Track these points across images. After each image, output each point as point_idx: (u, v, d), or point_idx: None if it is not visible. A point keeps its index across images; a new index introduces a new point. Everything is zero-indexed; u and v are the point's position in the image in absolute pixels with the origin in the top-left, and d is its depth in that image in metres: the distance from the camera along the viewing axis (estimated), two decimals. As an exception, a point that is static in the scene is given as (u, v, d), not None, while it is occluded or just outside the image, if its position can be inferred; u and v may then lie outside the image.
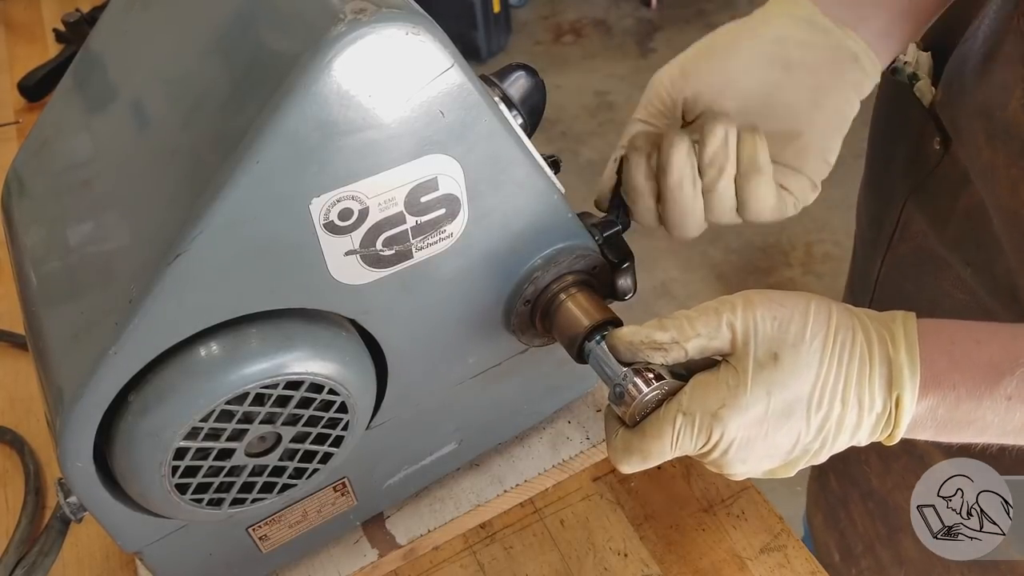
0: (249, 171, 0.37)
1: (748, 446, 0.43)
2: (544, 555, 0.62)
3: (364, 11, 0.37)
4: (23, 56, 1.23)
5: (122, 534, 0.47)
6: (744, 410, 0.42)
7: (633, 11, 3.20)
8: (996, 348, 0.43)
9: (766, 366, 0.42)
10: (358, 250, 0.42)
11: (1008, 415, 0.42)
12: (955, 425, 0.43)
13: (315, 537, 0.58)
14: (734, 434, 0.42)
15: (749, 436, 0.43)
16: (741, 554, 0.61)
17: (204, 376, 0.41)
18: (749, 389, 0.42)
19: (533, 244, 0.50)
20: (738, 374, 0.42)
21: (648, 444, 0.44)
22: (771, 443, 0.43)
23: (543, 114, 0.56)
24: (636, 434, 0.45)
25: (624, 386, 0.44)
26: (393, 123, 0.40)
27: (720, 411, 0.42)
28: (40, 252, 0.47)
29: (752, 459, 0.44)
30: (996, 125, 0.55)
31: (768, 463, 0.45)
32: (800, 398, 0.42)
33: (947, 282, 0.67)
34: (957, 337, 0.44)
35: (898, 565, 0.80)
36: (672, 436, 0.43)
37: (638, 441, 0.44)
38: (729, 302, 0.44)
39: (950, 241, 0.65)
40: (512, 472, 0.64)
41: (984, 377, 0.42)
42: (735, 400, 0.42)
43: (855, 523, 0.85)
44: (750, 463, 0.44)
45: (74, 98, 0.52)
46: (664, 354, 0.44)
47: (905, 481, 0.76)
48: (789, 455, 0.44)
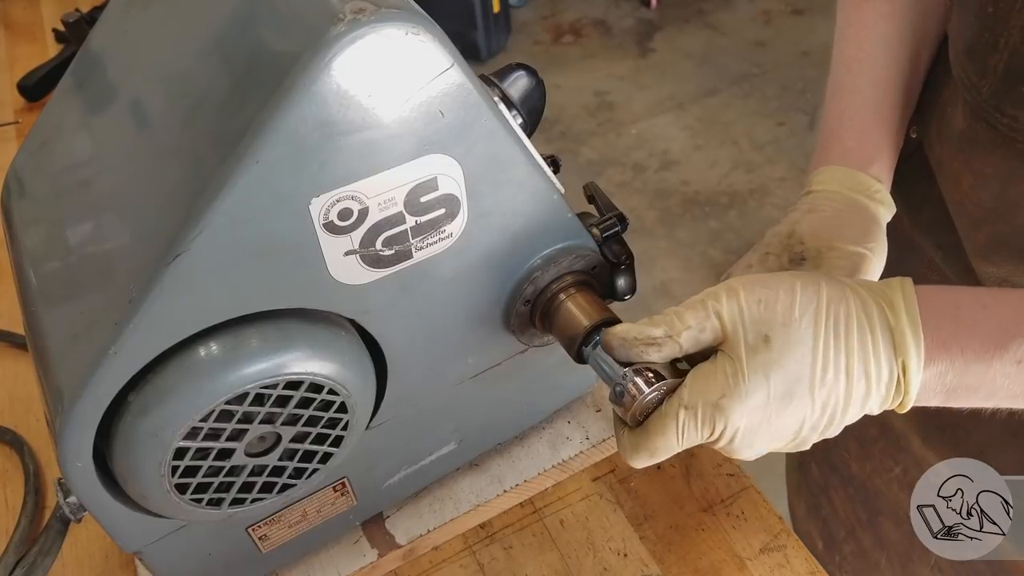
0: (249, 171, 0.37)
1: (753, 432, 0.43)
2: (544, 555, 0.62)
3: (364, 11, 0.37)
4: (23, 56, 1.23)
5: (122, 534, 0.47)
6: (744, 397, 0.42)
7: (633, 11, 3.20)
8: (1005, 311, 0.43)
9: (759, 349, 0.42)
10: (358, 250, 0.42)
11: (1018, 378, 0.42)
12: (964, 390, 0.43)
13: (315, 537, 0.58)
14: (738, 422, 0.42)
15: (753, 422, 0.43)
16: (741, 554, 0.61)
17: (204, 376, 0.41)
18: (747, 376, 0.42)
19: (533, 244, 0.50)
20: (733, 362, 0.42)
21: (654, 441, 0.44)
22: (776, 426, 0.43)
23: (543, 114, 0.56)
24: (642, 433, 0.45)
25: (624, 386, 0.44)
26: (393, 123, 0.40)
27: (721, 401, 0.42)
28: (40, 252, 0.47)
29: (759, 443, 0.44)
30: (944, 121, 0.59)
31: (777, 444, 0.44)
32: (800, 377, 0.42)
33: (921, 265, 0.70)
34: (963, 301, 0.43)
35: (880, 549, 0.81)
36: (677, 431, 0.43)
37: (645, 439, 0.45)
38: (713, 292, 0.44)
39: (923, 226, 0.68)
40: (512, 472, 0.64)
41: (993, 340, 0.42)
42: (735, 389, 0.42)
43: (837, 510, 0.86)
44: (757, 446, 0.44)
45: (74, 98, 0.52)
46: (658, 349, 0.44)
47: (883, 465, 0.78)
48: (797, 435, 0.44)
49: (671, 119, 2.66)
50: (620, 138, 2.58)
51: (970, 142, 0.56)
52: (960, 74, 0.55)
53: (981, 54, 0.52)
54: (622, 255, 0.53)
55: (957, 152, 0.58)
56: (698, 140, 2.58)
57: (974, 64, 0.53)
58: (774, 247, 0.56)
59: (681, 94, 2.76)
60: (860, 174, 0.59)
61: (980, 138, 0.55)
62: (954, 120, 0.58)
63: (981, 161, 0.55)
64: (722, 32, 3.06)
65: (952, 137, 0.58)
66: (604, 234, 0.53)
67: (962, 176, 0.58)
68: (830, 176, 0.60)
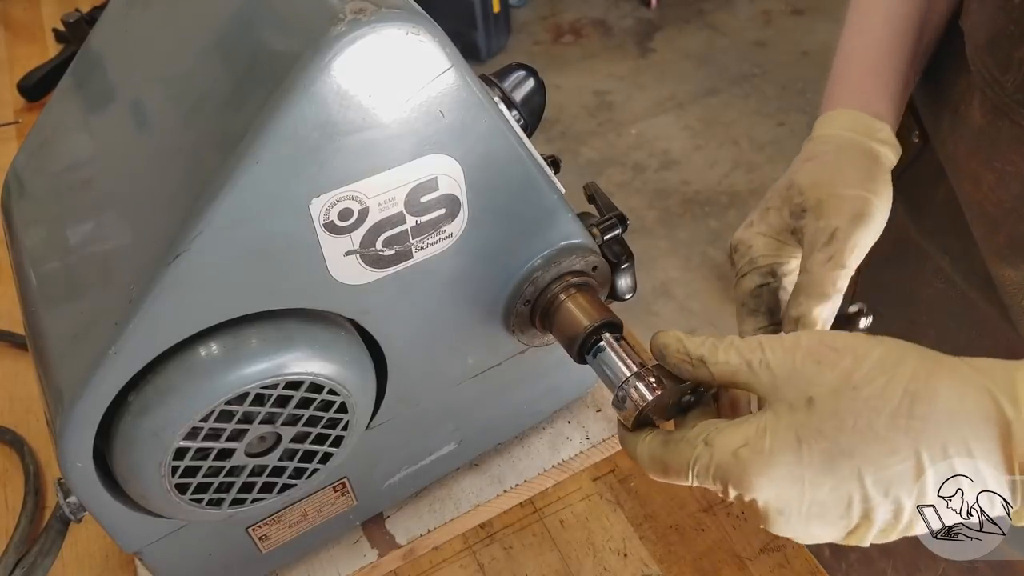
0: (249, 171, 0.37)
1: (783, 499, 0.37)
2: (544, 555, 0.62)
3: (364, 11, 0.37)
4: (23, 56, 1.23)
5: (122, 534, 0.47)
6: (768, 455, 0.37)
7: (633, 11, 3.20)
8: None
9: (798, 410, 0.37)
10: (358, 250, 0.42)
11: None
12: None
13: (315, 537, 0.58)
14: (760, 483, 0.37)
15: (784, 491, 0.37)
16: (741, 554, 0.61)
17: (204, 376, 0.41)
18: (774, 432, 0.37)
19: (533, 244, 0.50)
20: (766, 416, 0.38)
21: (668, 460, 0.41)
22: (813, 499, 0.37)
23: (543, 114, 0.56)
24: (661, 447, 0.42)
25: (627, 390, 0.44)
26: (393, 123, 0.40)
27: (741, 450, 0.38)
28: (40, 252, 0.47)
29: (794, 514, 0.38)
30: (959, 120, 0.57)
31: (819, 525, 0.38)
32: (848, 453, 0.36)
33: (927, 271, 0.68)
34: None
35: (886, 557, 0.81)
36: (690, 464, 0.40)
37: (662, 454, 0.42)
38: (778, 338, 0.39)
39: (929, 231, 0.67)
40: (512, 472, 0.64)
41: None
42: (757, 443, 0.37)
43: None
44: (793, 520, 0.38)
45: (74, 98, 0.52)
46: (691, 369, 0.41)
47: None
48: (844, 518, 0.37)
49: (671, 119, 2.66)
50: (620, 138, 2.58)
51: (990, 139, 0.55)
52: (980, 69, 0.54)
53: (1005, 47, 0.51)
54: (622, 255, 0.53)
55: (975, 151, 0.56)
56: (698, 140, 2.58)
57: (996, 58, 0.52)
58: (774, 201, 0.54)
59: (681, 94, 2.76)
60: (863, 115, 0.56)
61: (1002, 135, 0.53)
62: (970, 117, 0.57)
63: (1002, 159, 0.54)
64: (722, 32, 3.06)
65: (969, 135, 0.57)
66: (604, 234, 0.53)
67: (981, 175, 0.56)
68: (831, 120, 0.57)
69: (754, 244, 0.54)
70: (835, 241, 0.50)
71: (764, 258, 0.53)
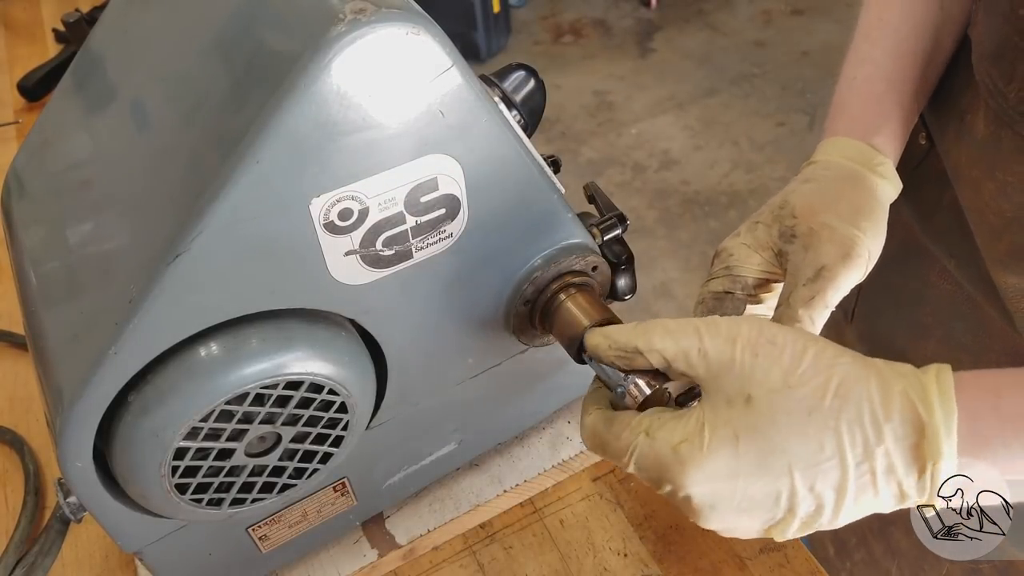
0: (249, 171, 0.37)
1: (717, 494, 0.39)
2: (544, 555, 0.62)
3: (364, 11, 0.37)
4: (23, 56, 1.23)
5: (122, 534, 0.47)
6: (705, 451, 0.38)
7: (633, 11, 3.20)
8: None
9: (736, 406, 0.38)
10: (358, 250, 0.42)
11: None
12: None
13: (315, 537, 0.58)
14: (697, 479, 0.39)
15: (717, 488, 0.39)
16: (741, 554, 0.61)
17: (204, 376, 0.41)
18: (713, 428, 0.38)
19: (533, 244, 0.50)
20: (704, 410, 0.39)
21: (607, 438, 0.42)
22: (745, 494, 0.39)
23: (543, 114, 0.56)
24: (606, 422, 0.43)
25: (626, 387, 0.44)
26: (393, 123, 0.40)
27: (680, 446, 0.39)
28: (40, 252, 0.47)
29: (726, 508, 0.39)
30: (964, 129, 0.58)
31: (746, 518, 0.40)
32: (781, 450, 0.38)
33: (933, 273, 0.68)
34: (1003, 389, 0.39)
35: (891, 557, 0.81)
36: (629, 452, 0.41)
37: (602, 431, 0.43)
38: (715, 324, 0.40)
39: (935, 233, 0.67)
40: (512, 472, 0.64)
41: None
42: (697, 438, 0.38)
43: None
44: (723, 513, 0.39)
45: (74, 98, 0.52)
46: (628, 362, 0.42)
47: None
48: (771, 512, 0.39)
49: (671, 119, 2.66)
50: (620, 138, 2.58)
51: (993, 149, 0.55)
52: (984, 79, 0.54)
53: (1009, 58, 0.51)
54: (622, 255, 0.53)
55: (978, 160, 0.56)
56: (698, 140, 2.58)
57: (1000, 69, 0.52)
58: (765, 217, 0.54)
59: (681, 94, 2.76)
60: (864, 146, 0.57)
61: (1004, 145, 0.53)
62: (975, 127, 0.57)
63: (1004, 169, 0.54)
64: (722, 32, 3.06)
65: (972, 144, 0.57)
66: (604, 234, 0.53)
67: (983, 184, 0.56)
68: (834, 146, 0.57)
69: (735, 253, 0.54)
70: (820, 280, 0.49)
71: (739, 268, 0.53)
